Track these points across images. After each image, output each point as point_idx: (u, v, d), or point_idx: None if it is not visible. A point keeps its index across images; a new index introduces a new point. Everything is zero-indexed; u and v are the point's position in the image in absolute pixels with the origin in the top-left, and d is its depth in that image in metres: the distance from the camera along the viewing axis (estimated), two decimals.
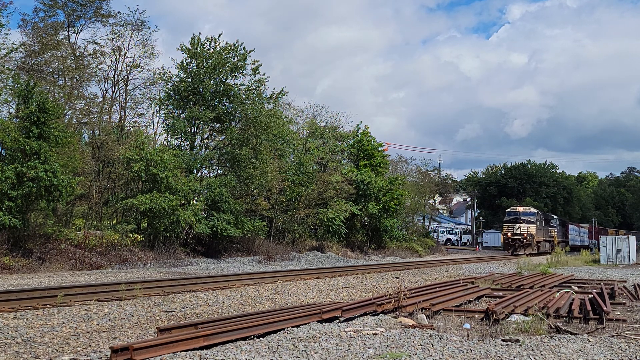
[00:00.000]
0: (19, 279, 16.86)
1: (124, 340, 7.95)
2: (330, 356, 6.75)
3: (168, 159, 26.88)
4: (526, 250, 48.95)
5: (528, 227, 49.74)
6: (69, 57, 29.56)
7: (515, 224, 50.16)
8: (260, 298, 12.56)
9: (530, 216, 50.77)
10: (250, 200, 33.54)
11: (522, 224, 50.03)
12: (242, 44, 31.54)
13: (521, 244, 49.15)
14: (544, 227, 55.15)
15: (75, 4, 30.26)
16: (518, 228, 49.74)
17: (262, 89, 32.33)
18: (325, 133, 44.97)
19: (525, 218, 50.29)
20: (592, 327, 10.16)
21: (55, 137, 21.74)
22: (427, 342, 7.53)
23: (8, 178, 20.24)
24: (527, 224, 49.95)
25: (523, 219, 50.21)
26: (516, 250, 49.20)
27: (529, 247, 49.09)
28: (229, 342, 7.44)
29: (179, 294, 12.87)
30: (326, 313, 9.54)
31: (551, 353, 7.16)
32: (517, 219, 50.33)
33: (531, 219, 50.47)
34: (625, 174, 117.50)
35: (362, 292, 14.57)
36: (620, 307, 13.23)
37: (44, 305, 10.69)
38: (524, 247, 48.95)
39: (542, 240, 52.93)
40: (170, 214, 26.11)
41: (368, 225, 46.60)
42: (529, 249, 49.10)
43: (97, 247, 23.84)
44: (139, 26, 31.85)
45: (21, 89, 22.29)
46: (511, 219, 51.11)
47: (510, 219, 51.18)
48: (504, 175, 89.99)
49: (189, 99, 31.03)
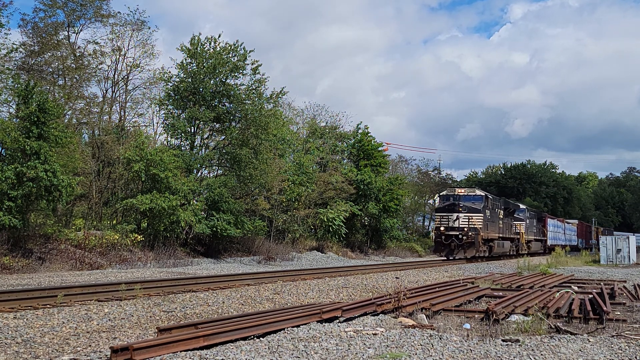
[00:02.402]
0: (19, 279, 16.86)
1: (124, 340, 7.95)
2: (330, 356, 6.75)
3: (168, 159, 26.89)
4: (467, 252, 33.16)
5: (470, 218, 33.40)
6: (69, 57, 29.57)
7: (451, 214, 33.96)
8: (260, 298, 12.56)
9: (474, 202, 34.31)
10: (250, 200, 33.54)
11: (461, 214, 33.68)
12: (242, 44, 31.57)
13: (459, 243, 33.11)
14: (503, 219, 39.00)
15: (75, 4, 30.26)
16: (455, 219, 33.58)
17: (262, 89, 32.34)
18: (325, 133, 45.00)
19: (467, 204, 33.96)
20: (592, 327, 10.16)
21: (55, 137, 21.74)
22: (427, 342, 7.53)
23: (8, 178, 20.24)
24: (469, 214, 33.59)
25: (463, 206, 33.91)
26: (453, 253, 33.44)
27: (472, 248, 33.04)
28: (229, 342, 7.44)
29: (179, 294, 12.87)
30: (326, 313, 9.54)
31: (551, 353, 7.16)
32: (454, 207, 34.07)
33: (476, 205, 34.04)
34: (625, 174, 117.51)
35: (362, 292, 14.57)
36: (620, 307, 13.23)
37: (44, 305, 10.69)
38: (464, 248, 33.15)
39: (496, 238, 36.83)
40: (170, 214, 26.11)
41: (368, 225, 46.60)
42: (471, 250, 33.11)
43: (97, 247, 23.84)
44: (139, 26, 31.89)
45: (21, 89, 22.29)
46: (446, 207, 34.58)
47: (445, 207, 34.65)
48: (503, 175, 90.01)
49: (189, 99, 31.03)
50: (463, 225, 33.42)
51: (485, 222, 34.41)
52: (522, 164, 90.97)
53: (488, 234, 34.99)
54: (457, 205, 33.92)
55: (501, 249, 38.23)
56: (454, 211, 33.87)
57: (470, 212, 33.58)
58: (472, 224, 33.33)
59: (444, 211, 34.54)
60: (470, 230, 33.12)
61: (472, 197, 34.67)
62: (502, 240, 38.48)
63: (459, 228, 33.48)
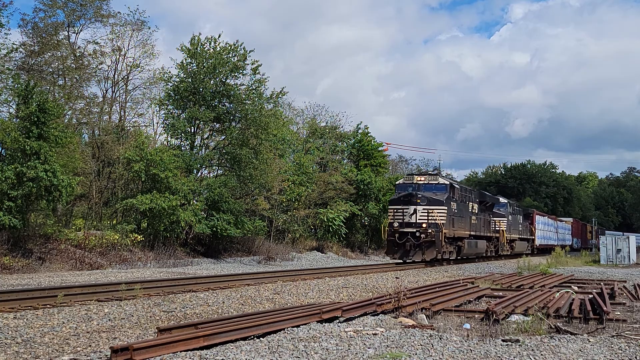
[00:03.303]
0: (19, 279, 16.86)
1: (124, 340, 7.95)
2: (330, 356, 6.75)
3: (168, 159, 26.89)
4: (427, 253, 27.05)
5: (430, 212, 27.39)
6: (69, 57, 29.57)
7: (407, 207, 27.68)
8: (260, 298, 12.56)
9: (436, 192, 28.31)
10: (250, 200, 33.55)
11: (419, 206, 27.43)
12: (242, 44, 31.57)
13: (416, 242, 27.08)
14: (477, 214, 33.04)
15: (75, 4, 30.26)
16: (412, 214, 27.37)
17: (262, 89, 32.35)
18: (325, 133, 45.00)
19: (428, 195, 27.84)
20: (592, 327, 10.16)
21: (55, 137, 21.74)
22: (427, 342, 7.53)
23: (8, 178, 20.24)
24: (429, 206, 27.51)
25: (422, 197, 27.68)
26: (408, 254, 27.30)
27: (432, 249, 27.08)
28: (229, 342, 7.44)
29: (179, 294, 12.87)
30: (326, 313, 9.54)
31: (551, 353, 7.16)
32: (411, 198, 27.72)
33: (438, 196, 28.01)
34: (625, 174, 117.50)
35: (362, 292, 14.57)
36: (620, 307, 13.23)
37: (44, 305, 10.68)
38: (422, 249, 27.09)
39: (467, 237, 31.02)
40: (170, 214, 26.12)
41: (368, 225, 46.60)
42: (431, 251, 27.10)
43: (97, 247, 23.85)
44: (139, 26, 31.90)
45: (21, 89, 22.30)
46: (401, 198, 28.15)
47: (400, 198, 28.21)
48: (504, 175, 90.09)
49: (189, 99, 31.04)
50: (421, 220, 27.13)
51: (450, 216, 28.16)
52: (522, 164, 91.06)
53: (455, 231, 28.83)
54: (415, 196, 27.45)
55: (473, 250, 32.05)
56: (411, 203, 27.43)
57: (430, 204, 27.37)
58: (433, 219, 27.07)
59: (398, 203, 27.98)
60: (430, 227, 26.91)
61: (433, 186, 28.44)
62: (476, 239, 32.32)
63: (416, 224, 27.12)
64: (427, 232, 26.89)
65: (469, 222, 31.43)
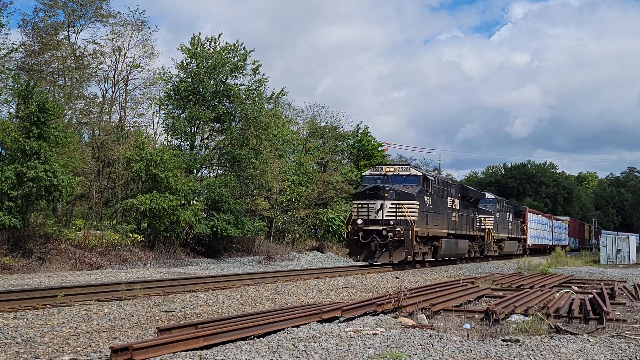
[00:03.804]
0: (19, 279, 16.86)
1: (124, 340, 7.95)
2: (330, 356, 6.75)
3: (168, 159, 26.90)
4: (395, 255, 23.35)
5: (400, 207, 23.60)
6: (69, 57, 29.58)
7: (373, 201, 23.91)
8: (260, 298, 12.56)
9: (407, 184, 24.65)
10: (250, 200, 33.55)
11: (387, 201, 23.73)
12: (242, 44, 31.58)
13: (383, 242, 23.31)
14: (458, 210, 29.59)
15: (75, 4, 30.27)
16: (379, 209, 23.68)
17: (262, 89, 32.36)
18: (325, 133, 45.00)
19: (397, 188, 24.17)
20: (592, 327, 10.16)
21: (55, 137, 21.75)
22: (427, 342, 7.53)
23: (8, 178, 20.25)
24: (398, 200, 23.75)
25: (391, 191, 23.99)
26: (373, 256, 23.54)
27: (401, 249, 23.33)
28: (229, 342, 7.44)
29: (179, 294, 12.87)
30: (326, 313, 9.54)
31: (551, 353, 7.16)
32: (378, 191, 24.07)
33: (409, 189, 24.32)
34: (626, 174, 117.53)
35: (362, 292, 14.57)
36: (620, 307, 13.23)
37: (44, 305, 10.68)
38: (389, 249, 23.33)
39: (444, 236, 27.24)
40: (171, 214, 26.13)
41: None
42: (400, 252, 23.37)
43: (97, 247, 23.86)
44: (139, 26, 31.91)
45: (21, 89, 22.31)
46: (367, 192, 24.47)
47: (366, 192, 24.55)
48: (504, 175, 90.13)
49: (189, 99, 31.04)
50: (389, 216, 23.37)
51: (423, 212, 24.55)
52: (522, 164, 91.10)
53: (429, 229, 25.18)
54: (382, 189, 23.77)
55: (453, 250, 28.47)
56: (377, 197, 23.67)
57: (399, 199, 23.59)
58: (402, 215, 23.34)
59: (363, 197, 24.21)
60: (398, 224, 23.21)
61: (404, 177, 24.83)
62: (456, 238, 28.82)
63: (382, 221, 23.39)
64: (395, 231, 23.17)
65: (448, 219, 27.88)
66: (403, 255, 23.47)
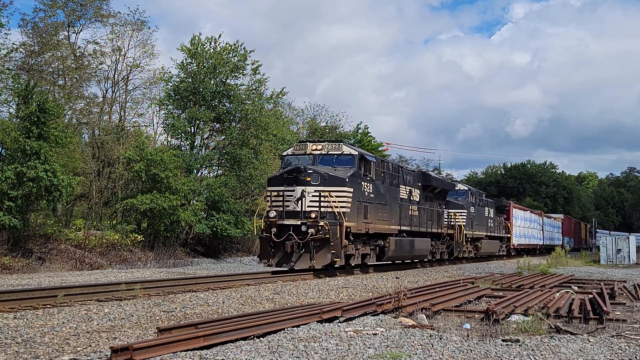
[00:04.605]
0: (19, 279, 16.87)
1: (124, 340, 7.95)
2: (330, 356, 6.75)
3: (168, 159, 26.93)
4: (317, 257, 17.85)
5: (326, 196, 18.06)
6: (69, 57, 29.61)
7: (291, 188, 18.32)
8: (260, 298, 12.56)
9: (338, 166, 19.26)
10: (251, 200, 33.56)
11: (309, 187, 18.20)
12: (242, 44, 31.64)
13: (302, 241, 17.86)
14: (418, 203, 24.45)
15: (75, 4, 30.32)
16: (299, 199, 18.17)
17: (262, 89, 32.39)
18: (325, 133, 45.03)
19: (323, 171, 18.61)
20: (592, 327, 10.16)
21: (55, 137, 21.78)
22: (427, 342, 7.53)
23: (8, 178, 20.26)
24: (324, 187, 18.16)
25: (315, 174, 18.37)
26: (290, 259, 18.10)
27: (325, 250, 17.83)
28: (229, 342, 7.44)
29: (179, 294, 12.87)
30: (326, 313, 9.54)
31: (551, 353, 7.16)
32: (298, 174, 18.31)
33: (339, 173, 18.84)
34: (626, 174, 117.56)
35: (362, 292, 14.58)
36: (620, 307, 13.23)
37: (44, 305, 10.68)
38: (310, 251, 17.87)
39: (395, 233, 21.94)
40: (171, 214, 26.15)
41: None
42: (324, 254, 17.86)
43: (97, 247, 23.88)
44: (139, 26, 31.96)
45: (21, 89, 22.32)
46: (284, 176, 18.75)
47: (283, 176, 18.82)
48: (504, 175, 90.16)
49: (189, 99, 31.07)
50: (311, 207, 17.95)
51: (360, 202, 19.19)
52: (522, 164, 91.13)
53: (369, 224, 19.83)
54: (304, 172, 18.14)
55: (406, 251, 23.09)
56: (298, 183, 18.10)
57: (326, 184, 18.10)
58: (328, 206, 17.94)
59: (280, 183, 18.54)
60: (323, 217, 17.88)
61: (334, 157, 19.32)
62: (413, 236, 23.66)
63: (302, 213, 17.98)
64: (318, 226, 17.69)
65: (400, 213, 22.41)
66: (328, 258, 17.83)
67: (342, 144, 20.17)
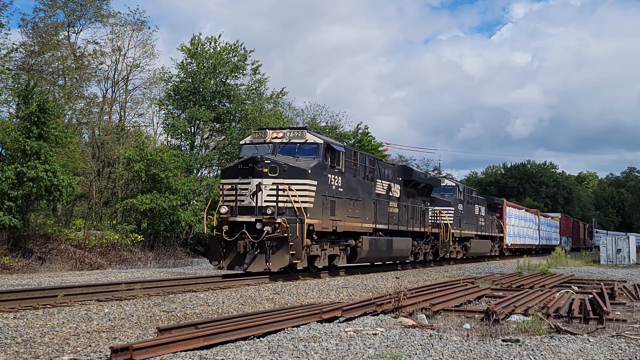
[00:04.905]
0: (19, 279, 16.87)
1: (124, 340, 7.95)
2: (330, 356, 6.75)
3: (168, 159, 26.94)
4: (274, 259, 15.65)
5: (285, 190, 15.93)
6: (69, 57, 29.64)
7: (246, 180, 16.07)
8: (260, 298, 12.56)
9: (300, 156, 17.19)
10: None
11: (266, 180, 15.97)
12: (242, 44, 31.67)
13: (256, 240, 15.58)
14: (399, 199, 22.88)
15: (75, 4, 30.35)
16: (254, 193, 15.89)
17: (262, 89, 32.41)
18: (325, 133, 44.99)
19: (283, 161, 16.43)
20: (592, 327, 10.16)
21: (55, 137, 21.79)
22: (427, 342, 7.53)
23: (8, 178, 20.27)
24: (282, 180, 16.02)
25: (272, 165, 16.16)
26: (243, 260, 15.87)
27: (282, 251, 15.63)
28: (229, 342, 7.44)
29: (179, 294, 12.87)
30: (326, 313, 9.54)
31: (551, 353, 7.16)
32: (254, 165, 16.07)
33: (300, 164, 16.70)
34: (626, 174, 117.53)
35: (362, 292, 14.58)
36: (620, 307, 13.23)
37: (44, 305, 10.69)
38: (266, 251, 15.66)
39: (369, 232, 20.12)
40: (171, 214, 26.15)
41: None
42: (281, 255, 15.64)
43: (97, 247, 23.89)
44: (139, 26, 31.98)
45: (21, 89, 22.33)
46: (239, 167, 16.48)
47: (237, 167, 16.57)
48: (503, 175, 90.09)
49: (189, 99, 31.08)
50: (268, 202, 15.84)
51: (325, 197, 17.20)
52: (522, 164, 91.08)
53: (337, 222, 17.87)
54: (261, 163, 16.06)
55: (384, 252, 21.23)
56: (254, 174, 16.02)
57: (286, 177, 16.15)
58: (287, 201, 15.99)
59: (234, 175, 16.55)
60: (281, 214, 15.87)
61: (296, 147, 17.37)
62: (391, 235, 21.79)
63: (257, 209, 15.92)
64: (275, 223, 15.66)
65: (375, 210, 20.62)
66: (286, 260, 15.76)
67: (305, 131, 17.85)
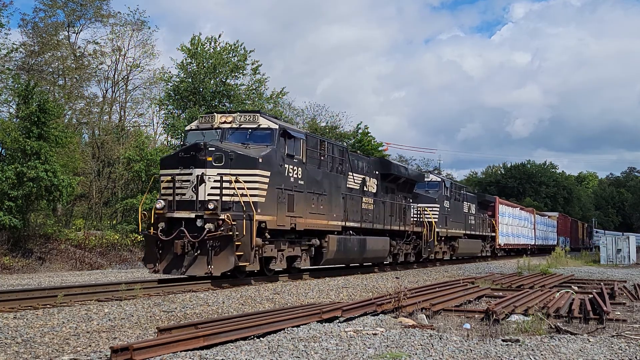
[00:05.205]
0: (19, 279, 16.87)
1: (124, 340, 7.95)
2: (330, 356, 6.75)
3: None
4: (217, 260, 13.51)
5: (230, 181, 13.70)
6: (69, 57, 29.65)
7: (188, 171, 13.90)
8: (260, 298, 12.56)
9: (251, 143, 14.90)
10: None
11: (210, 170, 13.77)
12: (242, 44, 31.66)
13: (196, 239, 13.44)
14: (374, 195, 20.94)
15: (75, 4, 30.37)
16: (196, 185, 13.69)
17: (262, 89, 32.40)
18: (325, 133, 45.00)
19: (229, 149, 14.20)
20: (592, 327, 10.16)
21: (56, 137, 21.80)
22: (427, 342, 7.53)
23: (8, 178, 20.27)
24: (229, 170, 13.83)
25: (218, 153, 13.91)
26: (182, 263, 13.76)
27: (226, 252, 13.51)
28: (229, 342, 7.44)
29: (179, 294, 12.87)
30: (326, 313, 9.54)
31: (551, 353, 7.16)
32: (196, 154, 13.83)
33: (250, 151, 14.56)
34: (626, 174, 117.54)
35: (362, 292, 14.58)
36: (620, 307, 13.23)
37: (44, 305, 10.69)
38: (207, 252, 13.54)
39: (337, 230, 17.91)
40: None
41: None
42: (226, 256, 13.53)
43: (97, 247, 23.90)
44: (139, 26, 32.02)
45: (21, 89, 22.34)
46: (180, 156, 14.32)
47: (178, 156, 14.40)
48: (504, 175, 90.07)
49: (189, 99, 31.08)
50: (211, 196, 13.85)
51: (281, 190, 15.21)
52: (522, 164, 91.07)
53: (297, 219, 15.88)
54: (204, 150, 14.00)
55: (355, 253, 19.33)
56: (196, 164, 13.97)
57: (233, 166, 14.11)
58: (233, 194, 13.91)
59: (174, 165, 14.44)
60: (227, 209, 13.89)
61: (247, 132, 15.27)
62: (365, 234, 19.88)
63: (199, 203, 13.89)
64: (219, 220, 13.65)
65: (346, 206, 18.65)
66: (231, 262, 13.80)
67: (258, 114, 15.57)
